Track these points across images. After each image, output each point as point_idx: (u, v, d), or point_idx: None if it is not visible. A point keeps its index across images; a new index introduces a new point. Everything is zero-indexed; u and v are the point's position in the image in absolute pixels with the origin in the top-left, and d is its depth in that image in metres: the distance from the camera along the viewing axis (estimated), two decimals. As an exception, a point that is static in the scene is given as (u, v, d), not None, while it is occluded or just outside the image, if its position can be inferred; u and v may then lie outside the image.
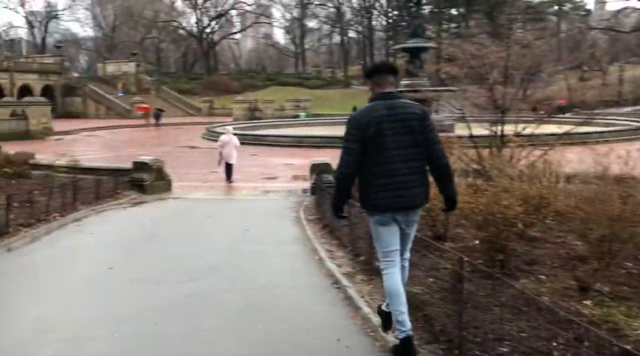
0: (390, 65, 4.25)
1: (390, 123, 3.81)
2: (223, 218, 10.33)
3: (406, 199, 3.86)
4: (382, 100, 3.90)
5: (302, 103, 56.85)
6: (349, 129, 3.89)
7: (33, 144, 29.42)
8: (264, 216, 10.35)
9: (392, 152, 3.80)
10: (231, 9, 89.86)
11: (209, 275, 6.24)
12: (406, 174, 3.83)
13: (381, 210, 3.88)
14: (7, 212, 8.42)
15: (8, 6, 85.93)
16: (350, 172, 3.87)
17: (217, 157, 16.48)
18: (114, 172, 14.00)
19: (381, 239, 4.00)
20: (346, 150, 3.87)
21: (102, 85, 64.76)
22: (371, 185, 3.86)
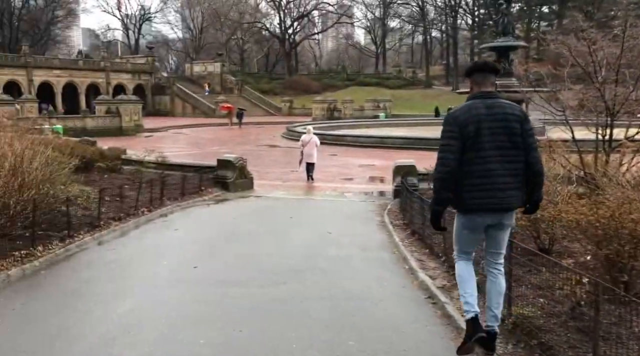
0: (493, 65, 4.09)
1: (489, 122, 3.73)
2: (304, 218, 10.09)
3: (500, 200, 3.76)
4: (482, 99, 3.81)
5: (381, 103, 56.13)
6: (446, 126, 3.81)
7: (125, 140, 31.10)
8: (346, 218, 10.00)
9: (488, 152, 3.72)
10: (314, 9, 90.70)
11: (292, 279, 5.97)
12: (502, 175, 3.74)
13: (474, 210, 3.81)
14: (100, 205, 8.63)
15: (106, 10, 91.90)
16: (451, 170, 3.74)
17: (297, 156, 16.37)
18: (199, 169, 14.22)
19: (461, 242, 4.02)
20: (445, 147, 3.77)
21: (188, 84, 67.49)
22: (465, 184, 3.76)
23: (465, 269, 3.99)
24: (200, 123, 46.40)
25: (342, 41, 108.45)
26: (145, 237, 8.28)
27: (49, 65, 56.43)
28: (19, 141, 7.89)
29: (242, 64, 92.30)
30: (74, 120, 34.93)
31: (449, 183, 3.76)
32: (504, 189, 3.75)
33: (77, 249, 7.28)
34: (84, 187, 10.94)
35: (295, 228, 9.08)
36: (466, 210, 3.84)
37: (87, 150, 13.18)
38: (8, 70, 52.59)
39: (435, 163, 3.85)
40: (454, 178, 3.75)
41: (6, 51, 66.33)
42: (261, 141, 31.04)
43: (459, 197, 3.81)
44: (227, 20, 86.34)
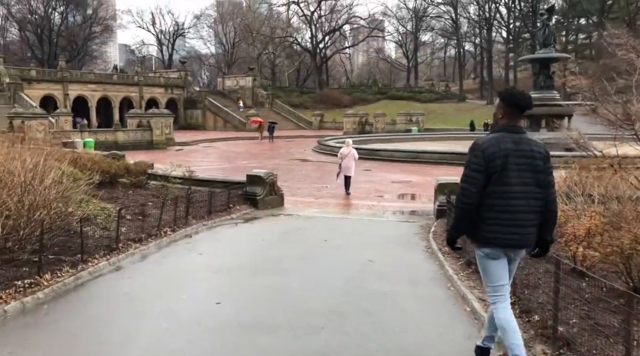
0: (532, 105, 3.93)
1: (516, 158, 3.72)
2: (340, 242, 9.14)
3: (520, 237, 3.77)
4: (510, 133, 3.78)
5: (414, 117, 55.01)
6: (472, 158, 3.79)
7: (155, 154, 30.82)
8: (387, 242, 9.01)
9: (514, 187, 3.71)
10: (345, 23, 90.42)
11: (331, 325, 5.02)
12: (525, 212, 3.74)
13: (492, 244, 3.79)
14: (118, 225, 7.88)
15: (141, 25, 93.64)
16: (473, 202, 3.74)
17: (329, 171, 15.83)
18: (228, 185, 13.47)
19: (490, 273, 3.91)
20: (468, 178, 3.77)
21: (220, 98, 67.77)
22: (486, 217, 3.75)
23: (507, 316, 3.85)
24: (231, 137, 46.16)
25: (373, 55, 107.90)
26: (166, 262, 7.48)
27: (84, 80, 57.36)
28: (31, 155, 7.21)
29: (274, 78, 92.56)
30: (105, 133, 34.98)
31: (470, 214, 3.78)
32: (526, 226, 3.75)
33: (89, 277, 6.51)
34: (106, 204, 10.31)
35: (331, 254, 8.14)
36: (486, 243, 3.81)
37: (112, 164, 12.60)
38: (45, 85, 53.62)
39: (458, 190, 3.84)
40: (475, 209, 3.75)
41: (45, 66, 68.07)
42: (292, 155, 30.34)
43: (480, 230, 3.80)
44: (259, 35, 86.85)
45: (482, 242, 3.84)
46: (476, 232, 3.82)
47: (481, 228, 3.78)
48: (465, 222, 3.83)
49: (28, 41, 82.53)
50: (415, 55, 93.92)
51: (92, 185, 12.47)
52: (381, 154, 26.54)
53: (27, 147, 8.37)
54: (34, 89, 51.62)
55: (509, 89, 4.04)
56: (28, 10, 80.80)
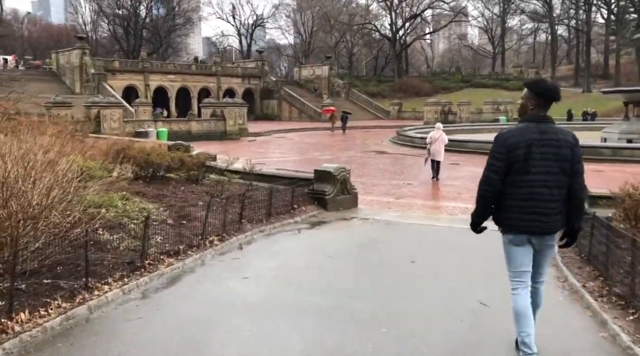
0: (560, 94, 3.98)
1: (540, 147, 3.78)
2: (432, 264, 6.91)
3: (544, 224, 3.83)
4: (536, 123, 3.84)
5: (502, 105, 50.81)
6: (495, 147, 3.90)
7: (226, 144, 29.80)
8: (498, 266, 6.55)
9: (538, 176, 3.78)
10: (427, 8, 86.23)
11: None
12: (549, 200, 3.80)
13: (516, 231, 3.87)
14: (146, 236, 6.18)
15: (221, 16, 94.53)
16: (494, 189, 3.88)
17: (418, 162, 15.69)
18: (293, 181, 11.62)
19: (513, 259, 4.01)
20: (490, 167, 3.90)
21: (296, 88, 66.67)
22: (511, 205, 3.86)
23: (522, 303, 3.94)
24: (305, 128, 44.69)
25: (456, 41, 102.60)
26: (198, 292, 5.64)
27: (164, 71, 58.12)
28: (42, 147, 5.63)
29: (351, 67, 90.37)
30: (179, 123, 34.54)
31: (491, 200, 3.93)
32: (549, 214, 3.80)
33: (85, 315, 4.69)
34: (148, 204, 8.76)
35: (422, 288, 5.83)
36: (510, 230, 3.90)
37: (164, 157, 11.14)
38: (127, 75, 54.78)
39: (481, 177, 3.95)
40: (495, 196, 3.89)
41: (130, 57, 70.13)
42: (367, 147, 28.15)
43: (504, 217, 3.90)
44: (337, 23, 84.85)
45: (506, 228, 3.93)
46: (501, 218, 3.92)
47: (505, 215, 3.88)
48: (485, 208, 3.98)
49: (116, 34, 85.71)
50: (502, 41, 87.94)
51: (141, 180, 11.20)
52: (469, 146, 23.72)
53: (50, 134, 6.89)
54: (117, 80, 52.81)
55: (538, 80, 4.08)
56: (116, 5, 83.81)
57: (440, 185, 15.04)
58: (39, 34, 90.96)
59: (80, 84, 50.34)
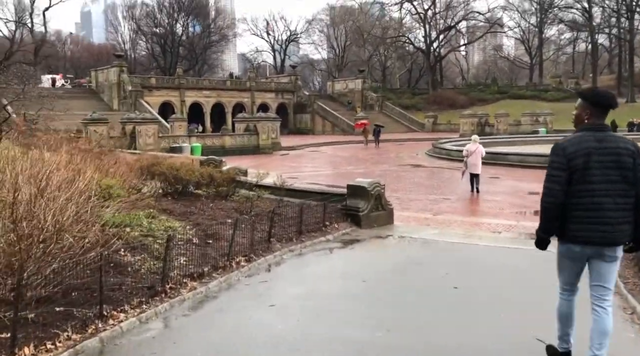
0: (616, 102, 3.97)
1: (599, 156, 3.71)
2: (477, 291, 6.24)
3: (608, 234, 3.71)
4: (593, 132, 3.78)
5: (541, 117, 49.37)
6: (553, 157, 3.84)
7: (259, 158, 29.65)
8: (553, 294, 6.02)
9: (598, 185, 3.70)
10: (461, 20, 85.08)
11: None
12: (612, 209, 3.70)
13: (576, 242, 3.80)
14: (167, 258, 5.79)
15: (256, 33, 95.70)
16: (556, 200, 3.76)
17: (455, 175, 15.51)
18: (325, 196, 11.15)
19: (564, 272, 4.01)
20: (551, 177, 3.81)
21: (329, 102, 66.54)
22: (573, 216, 3.76)
23: (566, 306, 4.02)
24: (338, 141, 44.30)
25: (491, 53, 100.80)
26: (220, 323, 5.15)
27: (199, 86, 58.88)
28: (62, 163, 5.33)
29: (384, 80, 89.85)
30: (212, 138, 34.67)
31: (555, 213, 3.78)
32: (613, 223, 3.69)
33: (96, 348, 4.27)
34: (175, 222, 8.42)
35: (468, 323, 5.11)
36: (573, 241, 3.81)
37: (193, 173, 10.85)
38: (164, 92, 55.68)
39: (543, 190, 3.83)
40: (559, 208, 3.76)
41: (166, 74, 71.49)
42: (402, 160, 27.48)
43: (564, 227, 3.81)
44: (370, 37, 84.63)
45: (565, 239, 3.85)
46: (564, 230, 3.82)
47: (567, 227, 3.78)
48: (551, 222, 3.83)
49: (153, 52, 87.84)
50: (540, 51, 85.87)
51: (170, 196, 10.92)
52: (509, 158, 22.78)
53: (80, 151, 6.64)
54: (154, 96, 53.72)
55: (592, 89, 4.17)
56: (154, 24, 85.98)
57: (480, 200, 14.32)
58: (81, 54, 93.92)
59: (118, 101, 51.41)
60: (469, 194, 15.21)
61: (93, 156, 8.33)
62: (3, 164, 4.96)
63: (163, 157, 17.48)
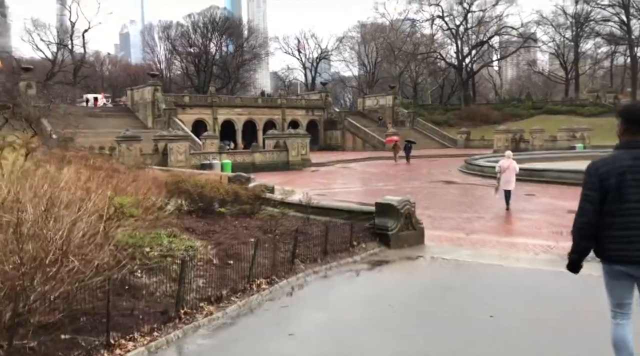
0: None
1: (634, 174, 3.63)
2: (515, 319, 5.72)
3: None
4: (629, 149, 3.72)
5: (578, 132, 47.88)
6: (587, 177, 3.81)
7: (288, 175, 29.50)
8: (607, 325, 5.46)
9: (635, 204, 3.61)
10: (494, 35, 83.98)
11: None
12: None
13: (616, 261, 3.72)
14: (181, 280, 5.51)
15: (287, 51, 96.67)
16: (589, 220, 3.72)
17: (489, 193, 15.16)
18: (352, 214, 10.77)
19: (612, 291, 3.90)
20: (584, 197, 3.78)
21: (359, 118, 66.31)
22: (610, 236, 3.71)
23: (622, 333, 3.84)
24: (369, 157, 43.86)
25: (525, 67, 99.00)
26: (233, 353, 4.79)
27: (231, 104, 59.54)
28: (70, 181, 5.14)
29: (415, 96, 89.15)
30: (243, 155, 34.78)
31: (588, 233, 3.75)
32: None
33: None
34: (196, 241, 8.17)
35: (508, 355, 4.75)
36: (610, 260, 3.76)
37: (218, 190, 10.64)
38: (197, 110, 56.49)
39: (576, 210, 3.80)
40: (592, 228, 3.72)
41: (200, 93, 72.70)
42: (434, 176, 26.85)
43: (603, 248, 3.77)
44: (401, 53, 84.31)
45: (605, 260, 3.81)
46: (601, 250, 3.79)
47: (605, 246, 3.74)
48: (583, 242, 3.80)
49: (187, 71, 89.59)
50: (575, 66, 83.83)
51: (194, 214, 10.73)
52: (546, 175, 21.90)
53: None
54: (187, 114, 54.54)
55: (626, 105, 4.08)
56: (188, 44, 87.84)
57: (516, 219, 13.67)
58: (118, 73, 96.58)
59: (152, 119, 52.34)
60: (504, 212, 14.60)
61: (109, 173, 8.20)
62: (10, 181, 4.79)
63: (192, 174, 17.48)
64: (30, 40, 73.95)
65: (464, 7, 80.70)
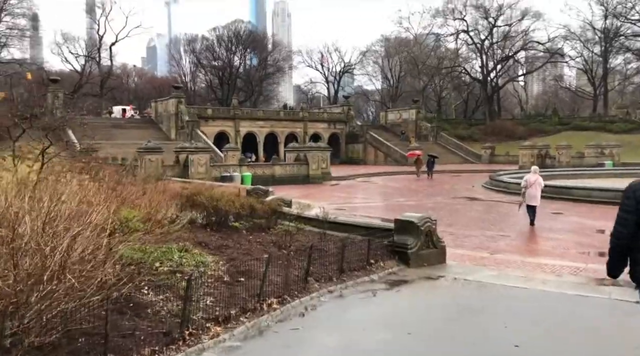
0: None
1: None
2: (544, 349, 5.32)
3: None
4: None
5: (607, 149, 46.65)
6: (624, 200, 3.74)
7: (308, 188, 29.24)
8: None
9: None
10: (520, 50, 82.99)
11: None
12: None
13: None
14: (187, 299, 5.25)
15: (310, 64, 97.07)
16: (622, 243, 3.69)
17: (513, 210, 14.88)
18: (370, 231, 10.41)
19: None
20: (619, 219, 3.73)
21: (382, 132, 65.93)
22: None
23: None
24: (390, 172, 43.41)
25: (552, 83, 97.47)
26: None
27: (253, 117, 59.82)
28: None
29: (439, 111, 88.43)
30: (263, 167, 34.69)
31: (621, 254, 3.72)
32: None
33: None
34: (208, 256, 7.93)
35: None
36: None
37: (233, 204, 10.42)
38: (219, 122, 56.87)
39: None
40: (626, 248, 3.66)
41: (223, 105, 73.31)
42: (457, 192, 26.27)
43: (633, 270, 3.70)
44: (425, 67, 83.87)
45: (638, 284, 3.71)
46: (632, 273, 3.72)
47: (636, 268, 3.65)
48: (616, 263, 3.76)
49: (211, 84, 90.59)
50: (604, 81, 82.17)
51: (209, 228, 10.52)
52: (574, 193, 21.19)
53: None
54: (210, 126, 54.93)
55: None
56: (213, 57, 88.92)
57: (542, 238, 13.13)
58: (144, 86, 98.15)
59: (175, 131, 52.81)
60: (530, 230, 14.09)
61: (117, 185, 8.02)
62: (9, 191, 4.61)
63: (211, 186, 17.32)
64: (59, 52, 75.80)
65: (489, 21, 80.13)
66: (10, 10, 63.74)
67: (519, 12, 78.99)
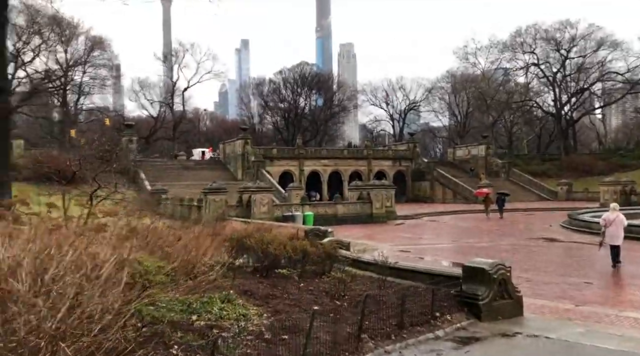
0: None
1: None
2: None
3: None
4: None
5: None
6: None
7: (372, 228, 28.21)
8: None
9: None
10: (596, 82, 78.75)
11: None
12: None
13: None
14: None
15: (375, 103, 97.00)
16: None
17: (590, 254, 14.14)
18: (435, 279, 9.35)
19: None
20: None
21: (450, 169, 63.93)
22: None
23: None
24: (459, 210, 41.50)
25: (632, 115, 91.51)
26: None
27: (318, 156, 59.88)
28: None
29: (510, 146, 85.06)
30: (325, 206, 34.06)
31: None
32: None
33: None
34: (252, 308, 7.21)
35: None
36: None
37: (284, 247, 9.72)
38: (284, 162, 57.34)
39: None
40: None
41: (289, 145, 74.26)
42: (532, 232, 24.32)
43: None
44: (494, 102, 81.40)
45: None
46: None
47: None
48: None
49: (277, 125, 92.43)
50: (694, 111, 76.20)
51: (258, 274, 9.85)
52: (669, 235, 18.93)
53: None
54: (275, 166, 55.47)
55: None
56: (279, 99, 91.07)
57: (635, 287, 11.45)
58: (215, 129, 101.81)
59: (242, 171, 53.70)
60: (618, 277, 12.43)
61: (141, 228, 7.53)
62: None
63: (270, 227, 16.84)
64: (136, 99, 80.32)
65: (562, 53, 76.93)
66: (92, 62, 68.51)
67: (594, 43, 75.27)
